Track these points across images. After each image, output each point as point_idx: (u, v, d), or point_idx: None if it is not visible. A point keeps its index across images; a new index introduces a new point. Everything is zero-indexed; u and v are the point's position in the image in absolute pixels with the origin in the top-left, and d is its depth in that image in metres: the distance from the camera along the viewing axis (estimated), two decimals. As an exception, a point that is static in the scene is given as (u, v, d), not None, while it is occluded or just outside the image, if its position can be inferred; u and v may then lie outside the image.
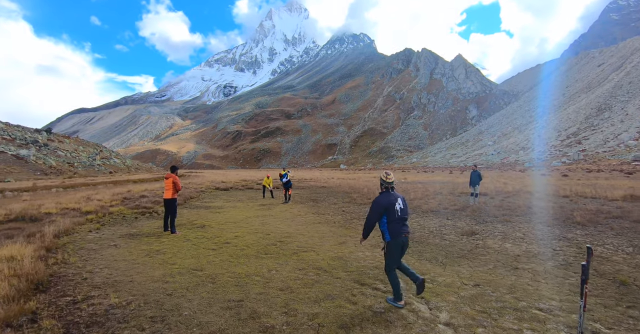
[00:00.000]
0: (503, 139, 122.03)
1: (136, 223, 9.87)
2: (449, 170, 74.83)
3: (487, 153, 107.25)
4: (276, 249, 6.69)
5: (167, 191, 8.87)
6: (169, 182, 8.82)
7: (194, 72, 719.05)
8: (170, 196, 8.79)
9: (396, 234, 4.12)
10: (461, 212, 11.94)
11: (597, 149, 71.78)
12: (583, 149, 75.34)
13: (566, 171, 49.09)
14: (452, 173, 56.33)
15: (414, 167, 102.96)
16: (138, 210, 12.25)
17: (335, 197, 17.57)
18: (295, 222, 10.01)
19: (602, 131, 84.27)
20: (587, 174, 38.64)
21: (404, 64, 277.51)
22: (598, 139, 79.26)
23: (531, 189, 19.97)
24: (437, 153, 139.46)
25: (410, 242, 7.36)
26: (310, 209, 13.11)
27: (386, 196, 4.19)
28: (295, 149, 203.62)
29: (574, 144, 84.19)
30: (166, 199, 8.81)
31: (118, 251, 6.64)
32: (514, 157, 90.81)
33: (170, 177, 8.85)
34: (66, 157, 71.30)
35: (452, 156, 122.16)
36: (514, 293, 4.63)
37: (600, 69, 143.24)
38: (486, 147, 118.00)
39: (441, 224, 9.54)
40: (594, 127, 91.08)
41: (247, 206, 14.43)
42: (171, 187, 8.82)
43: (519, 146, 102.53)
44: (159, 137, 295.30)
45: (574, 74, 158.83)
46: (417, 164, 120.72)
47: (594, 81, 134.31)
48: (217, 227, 9.16)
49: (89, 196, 16.41)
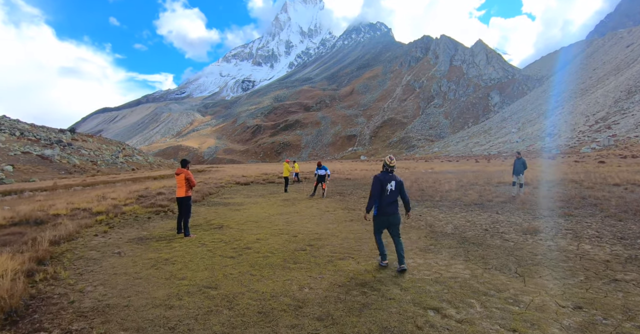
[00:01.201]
0: (528, 126, 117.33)
1: (148, 224, 8.95)
2: (474, 159, 72.05)
3: (511, 141, 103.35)
4: (306, 257, 5.56)
5: (180, 189, 7.85)
6: (180, 178, 7.80)
7: (212, 68, 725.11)
8: (184, 193, 7.77)
9: (381, 212, 4.94)
10: (509, 204, 10.53)
11: (628, 134, 67.95)
12: (613, 134, 71.51)
13: (598, 156, 46.13)
14: (479, 162, 53.97)
15: (436, 157, 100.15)
16: (152, 209, 11.38)
17: (363, 189, 16.34)
18: (324, 220, 8.87)
19: (634, 115, 79.74)
20: (623, 160, 36.01)
21: (423, 51, 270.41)
22: (629, 124, 75.04)
23: (575, 177, 18.21)
24: (459, 142, 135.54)
25: (467, 245, 6.14)
26: (339, 204, 11.93)
27: (384, 175, 4.94)
28: (315, 142, 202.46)
29: (603, 129, 80.00)
30: (179, 198, 7.81)
31: (121, 260, 5.66)
32: (540, 144, 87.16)
33: (182, 173, 7.80)
34: (89, 155, 72.51)
35: (475, 145, 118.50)
36: (635, 320, 3.35)
37: (629, 50, 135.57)
38: (510, 135, 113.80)
39: (493, 220, 8.20)
40: (624, 111, 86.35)
41: (269, 201, 13.37)
42: (184, 184, 7.78)
43: (545, 133, 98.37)
44: (180, 134, 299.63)
45: (601, 56, 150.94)
46: (439, 154, 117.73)
47: (622, 63, 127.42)
48: (237, 227, 8.11)
49: (104, 194, 15.77)
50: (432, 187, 15.41)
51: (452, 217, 8.69)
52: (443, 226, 7.73)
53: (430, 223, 8.03)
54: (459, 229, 7.32)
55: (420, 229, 7.41)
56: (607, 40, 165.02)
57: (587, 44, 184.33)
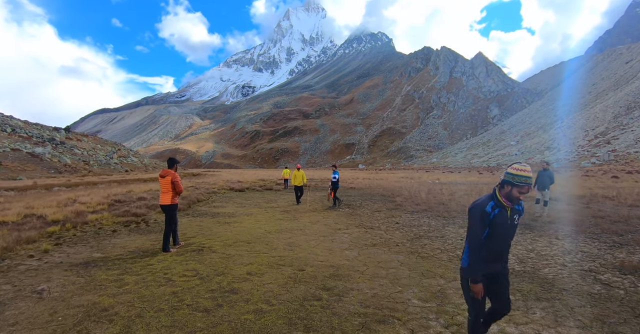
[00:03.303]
0: (526, 139, 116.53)
1: (109, 241, 6.93)
2: (475, 170, 70.47)
3: (510, 153, 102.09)
4: (324, 314, 3.53)
5: (164, 195, 6.26)
6: (165, 182, 6.19)
7: (212, 72, 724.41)
8: (169, 201, 6.21)
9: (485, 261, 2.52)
10: (556, 225, 8.63)
11: (628, 150, 67.30)
12: (613, 149, 70.96)
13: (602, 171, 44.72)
14: (482, 173, 52.30)
15: (434, 168, 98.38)
16: (123, 218, 9.35)
17: (373, 201, 14.34)
18: (337, 242, 6.84)
19: (633, 131, 79.24)
20: (630, 175, 34.43)
21: (423, 62, 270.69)
22: (629, 139, 74.47)
23: (603, 192, 16.41)
24: (458, 153, 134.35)
25: (559, 293, 4.11)
26: (350, 218, 9.89)
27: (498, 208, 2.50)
28: (314, 149, 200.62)
29: (602, 144, 79.48)
30: (163, 206, 6.25)
31: (36, 307, 3.66)
32: (539, 158, 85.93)
33: (168, 175, 6.17)
34: (82, 155, 70.25)
35: (474, 156, 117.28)
36: None
37: (628, 66, 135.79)
38: (509, 147, 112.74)
39: (562, 250, 6.23)
40: (623, 127, 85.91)
41: (266, 213, 11.32)
42: (169, 189, 6.20)
43: (544, 146, 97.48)
44: (179, 137, 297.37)
45: (601, 72, 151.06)
46: (437, 165, 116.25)
47: (622, 79, 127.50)
48: (222, 251, 6.06)
49: (76, 197, 13.71)
50: (453, 200, 13.48)
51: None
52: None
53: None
54: (528, 265, 5.35)
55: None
56: (607, 56, 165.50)
57: (586, 60, 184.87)
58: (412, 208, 11.53)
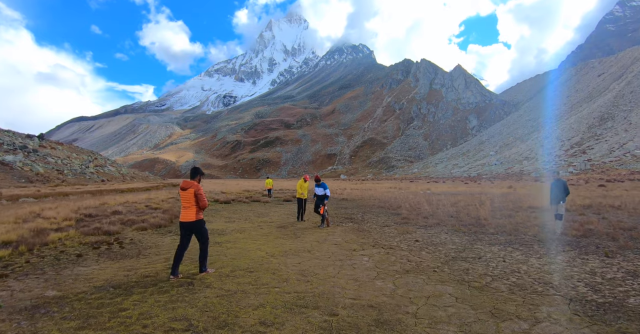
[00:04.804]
0: (505, 149, 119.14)
1: (71, 270, 5.47)
2: (459, 180, 70.76)
3: (490, 163, 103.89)
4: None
5: (187, 210, 5.25)
6: (188, 195, 5.21)
7: (193, 81, 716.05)
8: (194, 216, 5.23)
9: None
10: (590, 239, 7.70)
11: (602, 159, 69.82)
12: (589, 158, 73.66)
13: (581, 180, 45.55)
14: (468, 183, 52.20)
15: (416, 178, 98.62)
16: (93, 238, 7.84)
17: (374, 213, 13.18)
18: (360, 268, 5.55)
19: (607, 141, 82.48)
20: (611, 183, 34.92)
21: (404, 74, 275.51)
22: (603, 149, 77.44)
23: (608, 202, 15.91)
24: (439, 163, 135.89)
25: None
26: (360, 235, 8.64)
27: None
28: (295, 159, 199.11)
29: (578, 153, 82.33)
30: (184, 223, 5.26)
31: None
32: (518, 167, 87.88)
33: (190, 187, 5.21)
34: (56, 164, 66.76)
35: (454, 166, 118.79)
36: None
37: (600, 79, 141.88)
38: (488, 157, 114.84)
39: (622, 270, 5.21)
40: (597, 137, 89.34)
41: (260, 229, 9.92)
42: (193, 203, 5.21)
43: (522, 156, 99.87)
44: (158, 146, 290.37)
45: (574, 84, 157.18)
46: (419, 175, 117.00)
47: (594, 91, 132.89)
48: (219, 286, 4.67)
49: (41, 211, 12.01)
50: (460, 212, 12.48)
51: (559, 267, 5.64)
52: (572, 285, 4.66)
53: (546, 280, 4.93)
54: (605, 293, 4.26)
55: (547, 295, 4.31)
56: (580, 70, 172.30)
57: (560, 73, 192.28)
58: (422, 222, 10.43)
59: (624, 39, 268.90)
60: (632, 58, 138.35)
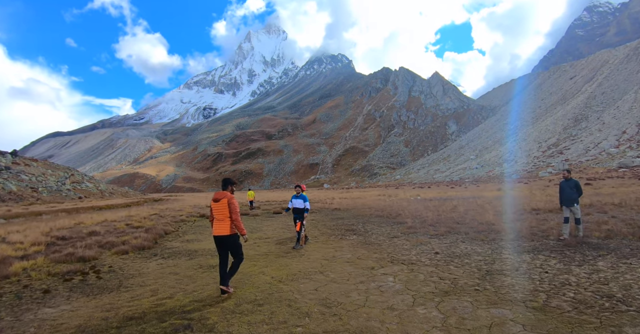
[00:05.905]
0: (485, 153, 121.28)
1: (35, 312, 4.45)
2: (443, 184, 71.07)
3: (471, 167, 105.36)
4: None
5: (220, 223, 5.00)
6: (221, 206, 4.97)
7: (172, 94, 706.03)
8: (228, 230, 4.95)
9: None
10: (616, 241, 7.15)
11: (579, 158, 71.73)
12: (566, 158, 75.61)
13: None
14: (454, 188, 52.45)
15: (400, 184, 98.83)
16: (65, 266, 6.74)
17: (375, 224, 12.41)
18: (390, 292, 4.72)
19: (582, 141, 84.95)
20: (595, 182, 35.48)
21: (383, 82, 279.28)
22: (579, 149, 79.63)
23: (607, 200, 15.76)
24: (420, 169, 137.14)
25: None
26: (370, 250, 7.80)
27: None
28: (277, 170, 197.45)
29: (555, 154, 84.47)
30: (218, 237, 5.00)
31: None
32: (498, 170, 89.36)
33: (224, 198, 5.02)
34: (30, 181, 63.60)
35: (436, 171, 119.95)
36: None
37: (572, 82, 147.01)
38: (469, 161, 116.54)
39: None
40: (573, 138, 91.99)
41: (258, 247, 8.97)
42: (226, 215, 4.95)
43: (502, 159, 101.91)
44: (138, 161, 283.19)
45: (548, 87, 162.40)
46: (402, 181, 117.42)
47: (567, 93, 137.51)
48: (224, 330, 3.68)
49: (6, 234, 10.73)
50: (465, 217, 11.89)
51: (609, 275, 4.99)
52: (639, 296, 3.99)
53: (605, 292, 4.24)
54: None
55: (620, 312, 3.62)
56: (552, 73, 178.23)
57: (534, 77, 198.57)
58: (430, 231, 9.74)
59: (592, 43, 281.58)
60: (601, 61, 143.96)
